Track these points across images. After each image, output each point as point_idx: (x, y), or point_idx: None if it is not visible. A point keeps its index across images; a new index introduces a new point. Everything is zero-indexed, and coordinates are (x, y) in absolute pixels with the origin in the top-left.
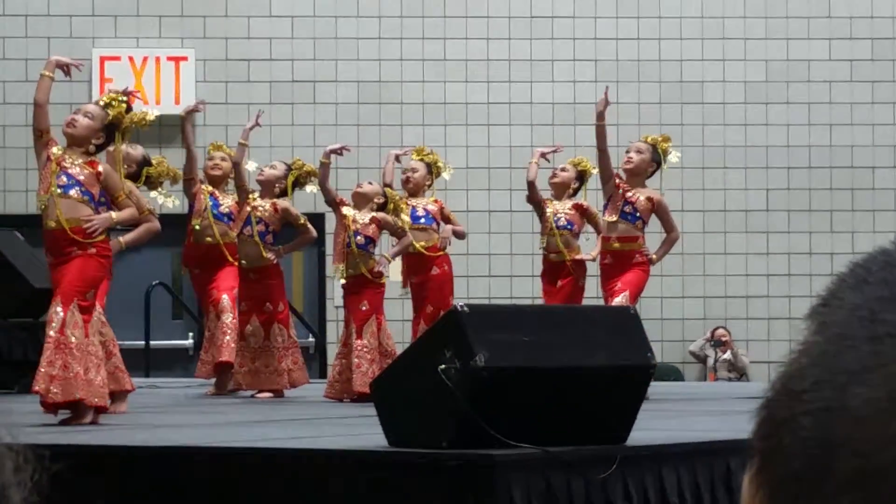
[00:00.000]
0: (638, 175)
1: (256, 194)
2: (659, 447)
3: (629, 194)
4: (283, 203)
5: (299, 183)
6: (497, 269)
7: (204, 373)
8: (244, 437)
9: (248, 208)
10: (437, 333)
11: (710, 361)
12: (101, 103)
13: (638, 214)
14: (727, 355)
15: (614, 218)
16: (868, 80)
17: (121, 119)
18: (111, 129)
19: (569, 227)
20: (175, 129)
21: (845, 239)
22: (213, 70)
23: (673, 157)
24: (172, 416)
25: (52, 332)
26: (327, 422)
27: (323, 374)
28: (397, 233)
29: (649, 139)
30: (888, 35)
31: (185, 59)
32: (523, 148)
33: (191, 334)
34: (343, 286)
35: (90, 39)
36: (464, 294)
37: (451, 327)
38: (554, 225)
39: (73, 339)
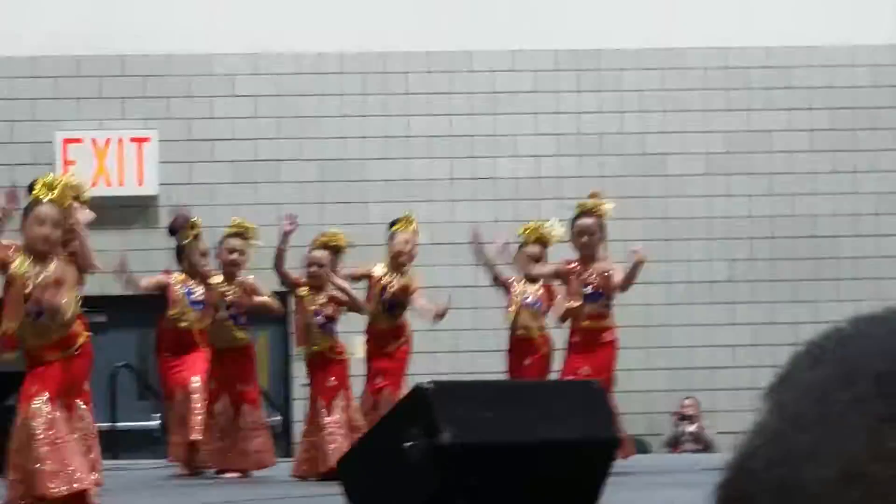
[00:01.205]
0: (593, 253)
1: (220, 278)
2: None
3: (586, 275)
4: (249, 281)
5: None
6: (462, 344)
7: (176, 454)
8: None
9: (217, 294)
10: (404, 410)
11: (677, 432)
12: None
13: (601, 292)
14: (692, 427)
15: (579, 303)
16: (828, 149)
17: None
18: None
19: (536, 305)
20: (137, 210)
21: (809, 308)
22: (176, 151)
23: (608, 207)
24: (141, 498)
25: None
26: (294, 501)
27: (289, 453)
28: (357, 307)
29: (592, 208)
30: (847, 104)
31: (147, 140)
32: (487, 223)
33: (157, 415)
34: (308, 365)
35: (53, 122)
36: (429, 370)
37: (417, 404)
38: (521, 302)
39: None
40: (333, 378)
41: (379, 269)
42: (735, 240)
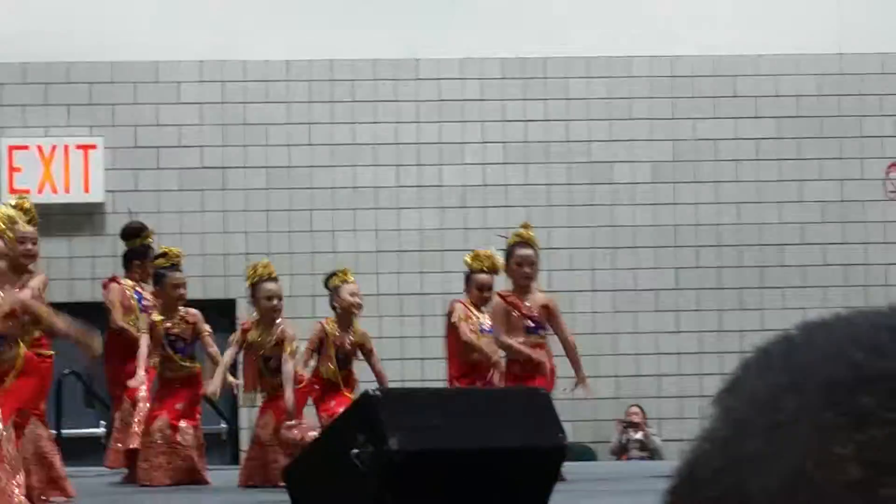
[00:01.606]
0: (531, 284)
1: (157, 315)
2: None
3: (527, 309)
4: (192, 314)
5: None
6: (408, 351)
7: (115, 462)
8: None
9: (160, 331)
10: (351, 418)
11: (622, 440)
12: None
13: (541, 324)
14: (639, 435)
15: (521, 339)
16: (774, 158)
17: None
18: None
19: (491, 332)
20: (83, 217)
21: (755, 316)
22: (122, 158)
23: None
24: None
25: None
26: None
27: (235, 461)
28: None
29: (529, 239)
30: (792, 113)
31: (93, 146)
32: (433, 231)
33: (102, 423)
34: (261, 408)
35: None
36: (370, 378)
37: (363, 412)
38: (479, 329)
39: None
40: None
41: (328, 327)
42: (681, 248)
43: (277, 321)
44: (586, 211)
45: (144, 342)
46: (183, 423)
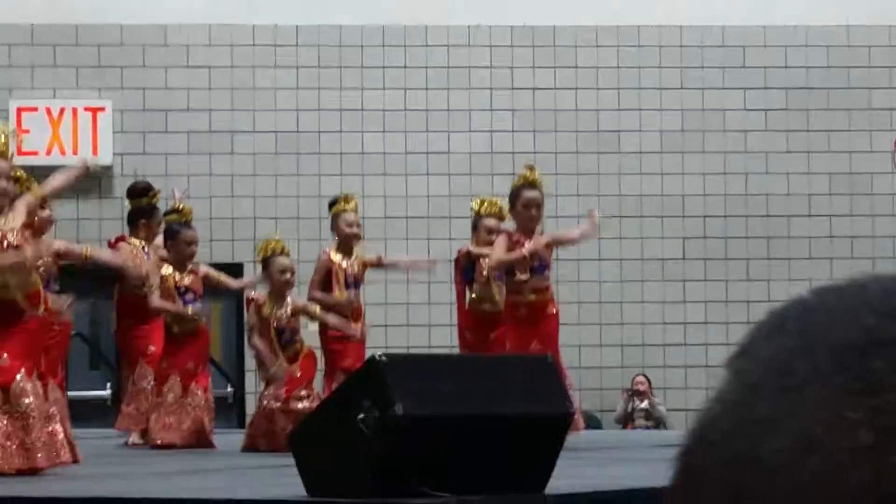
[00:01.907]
0: (536, 226)
1: (168, 269)
2: (577, 495)
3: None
4: (202, 269)
5: None
6: (415, 318)
7: (124, 425)
8: (163, 488)
9: (171, 285)
10: (356, 383)
11: (627, 409)
12: None
13: (545, 265)
14: (644, 404)
15: (525, 276)
16: (782, 129)
17: None
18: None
19: (500, 279)
20: (91, 180)
21: (761, 287)
22: (130, 120)
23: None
24: (92, 467)
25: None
26: (246, 472)
27: (241, 424)
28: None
29: (535, 181)
30: (801, 85)
31: (102, 109)
32: (441, 198)
33: (108, 384)
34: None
35: (6, 90)
36: (382, 343)
37: (369, 377)
38: (493, 276)
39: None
40: (300, 371)
41: (334, 256)
42: (688, 217)
43: (288, 295)
44: (593, 180)
45: (157, 298)
46: (193, 385)
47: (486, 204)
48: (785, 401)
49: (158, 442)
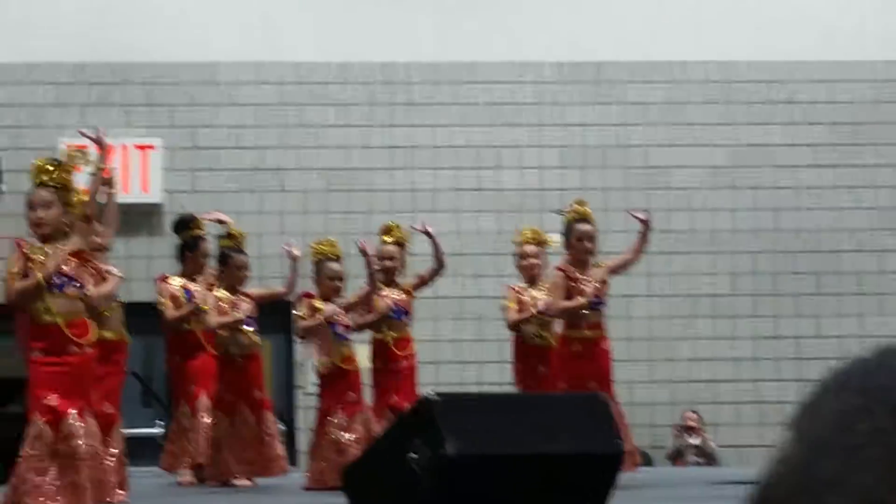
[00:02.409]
0: (590, 260)
1: (222, 292)
2: None
3: (586, 283)
4: (255, 292)
5: None
6: (466, 355)
7: (167, 463)
8: None
9: (225, 306)
10: (408, 421)
11: (679, 445)
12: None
13: (601, 300)
14: (695, 440)
15: (583, 312)
16: (829, 164)
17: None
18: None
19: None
20: (141, 218)
21: (811, 322)
22: (180, 158)
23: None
24: None
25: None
26: None
27: (293, 461)
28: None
29: (587, 216)
30: (847, 120)
31: (151, 147)
32: (491, 234)
33: (161, 423)
34: (323, 377)
35: (57, 129)
36: (432, 380)
37: (421, 415)
38: (535, 309)
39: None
40: (353, 392)
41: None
42: (738, 253)
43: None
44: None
45: (213, 317)
46: (263, 413)
47: (526, 234)
48: (848, 460)
49: (224, 479)
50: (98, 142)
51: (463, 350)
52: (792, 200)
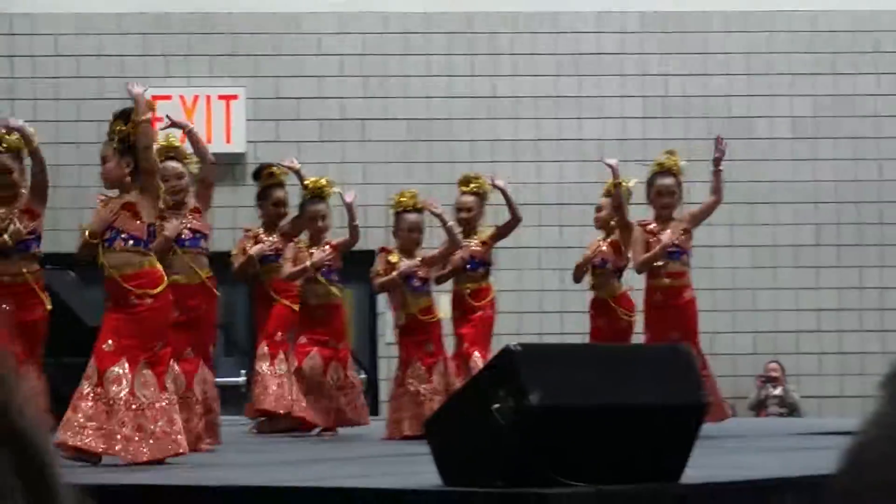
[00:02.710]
0: (671, 213)
1: (304, 240)
2: (713, 485)
3: (667, 237)
4: (335, 242)
5: None
6: (548, 305)
7: (251, 412)
8: (296, 476)
9: (304, 255)
10: (491, 373)
11: (761, 395)
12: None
13: (682, 250)
14: (778, 391)
15: (662, 261)
16: None
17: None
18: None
19: (603, 265)
20: (225, 168)
21: (894, 273)
22: (263, 109)
23: (683, 165)
24: (229, 454)
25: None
26: (380, 460)
27: (374, 412)
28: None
29: (671, 167)
30: None
31: (235, 97)
32: (572, 185)
33: (242, 372)
34: (402, 329)
35: (142, 79)
36: (515, 330)
37: (504, 367)
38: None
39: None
40: (431, 343)
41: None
42: (821, 203)
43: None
44: (725, 166)
45: (287, 268)
46: (335, 364)
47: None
48: None
49: (307, 428)
50: (130, 94)
51: (544, 300)
52: (875, 151)
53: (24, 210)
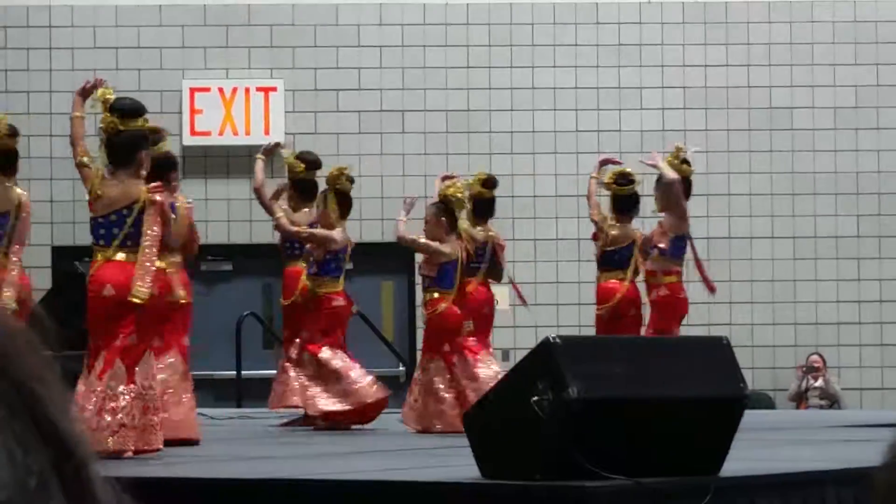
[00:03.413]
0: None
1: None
2: (752, 477)
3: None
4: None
5: None
6: (587, 297)
7: (275, 403)
8: (334, 469)
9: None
10: (530, 365)
11: (802, 387)
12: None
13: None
14: (819, 382)
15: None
16: None
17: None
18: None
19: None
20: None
21: None
22: (302, 100)
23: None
24: (264, 446)
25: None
26: (419, 453)
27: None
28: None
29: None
30: None
31: (274, 89)
32: None
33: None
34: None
35: (180, 71)
36: (553, 323)
37: (543, 359)
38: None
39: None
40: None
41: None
42: (862, 195)
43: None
44: (766, 157)
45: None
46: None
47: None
48: None
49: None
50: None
51: (584, 292)
52: None
53: None
